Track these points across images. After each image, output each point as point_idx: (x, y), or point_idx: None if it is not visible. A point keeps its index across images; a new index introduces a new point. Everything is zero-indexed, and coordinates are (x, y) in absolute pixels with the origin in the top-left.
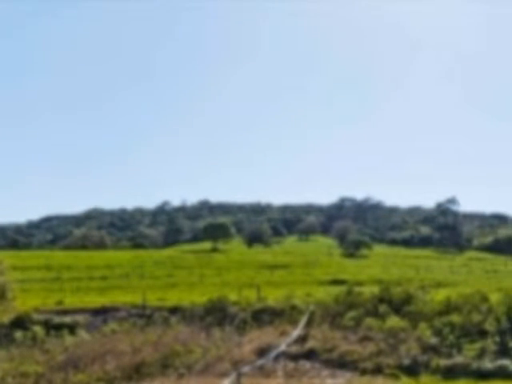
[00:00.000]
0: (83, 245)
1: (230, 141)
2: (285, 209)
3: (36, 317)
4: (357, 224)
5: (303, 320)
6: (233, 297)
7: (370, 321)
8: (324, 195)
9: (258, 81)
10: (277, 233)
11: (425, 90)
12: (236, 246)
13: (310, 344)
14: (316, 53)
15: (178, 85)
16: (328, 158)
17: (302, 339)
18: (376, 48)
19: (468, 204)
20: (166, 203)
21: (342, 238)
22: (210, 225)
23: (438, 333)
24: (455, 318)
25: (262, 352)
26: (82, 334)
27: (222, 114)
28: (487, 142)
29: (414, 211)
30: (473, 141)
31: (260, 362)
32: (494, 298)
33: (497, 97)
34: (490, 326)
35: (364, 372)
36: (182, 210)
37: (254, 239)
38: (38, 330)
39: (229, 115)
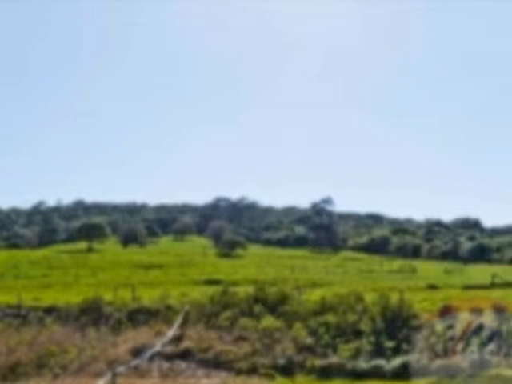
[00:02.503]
0: None
1: (104, 140)
2: (160, 209)
3: None
4: (232, 224)
5: (178, 320)
6: (108, 297)
7: (245, 321)
8: (199, 195)
9: (131, 80)
10: (152, 233)
11: (299, 89)
12: (111, 246)
13: (185, 344)
14: (188, 53)
15: (50, 83)
16: (203, 157)
17: (177, 339)
18: (248, 48)
19: (343, 204)
20: (41, 203)
21: (217, 238)
22: (85, 225)
23: (313, 333)
24: (330, 318)
25: (137, 352)
26: None
27: (95, 112)
28: (362, 142)
29: (289, 211)
30: (348, 141)
31: (135, 362)
32: (369, 297)
33: (372, 96)
34: (365, 326)
35: (239, 372)
36: (57, 210)
37: (129, 239)
38: None
39: (103, 114)
